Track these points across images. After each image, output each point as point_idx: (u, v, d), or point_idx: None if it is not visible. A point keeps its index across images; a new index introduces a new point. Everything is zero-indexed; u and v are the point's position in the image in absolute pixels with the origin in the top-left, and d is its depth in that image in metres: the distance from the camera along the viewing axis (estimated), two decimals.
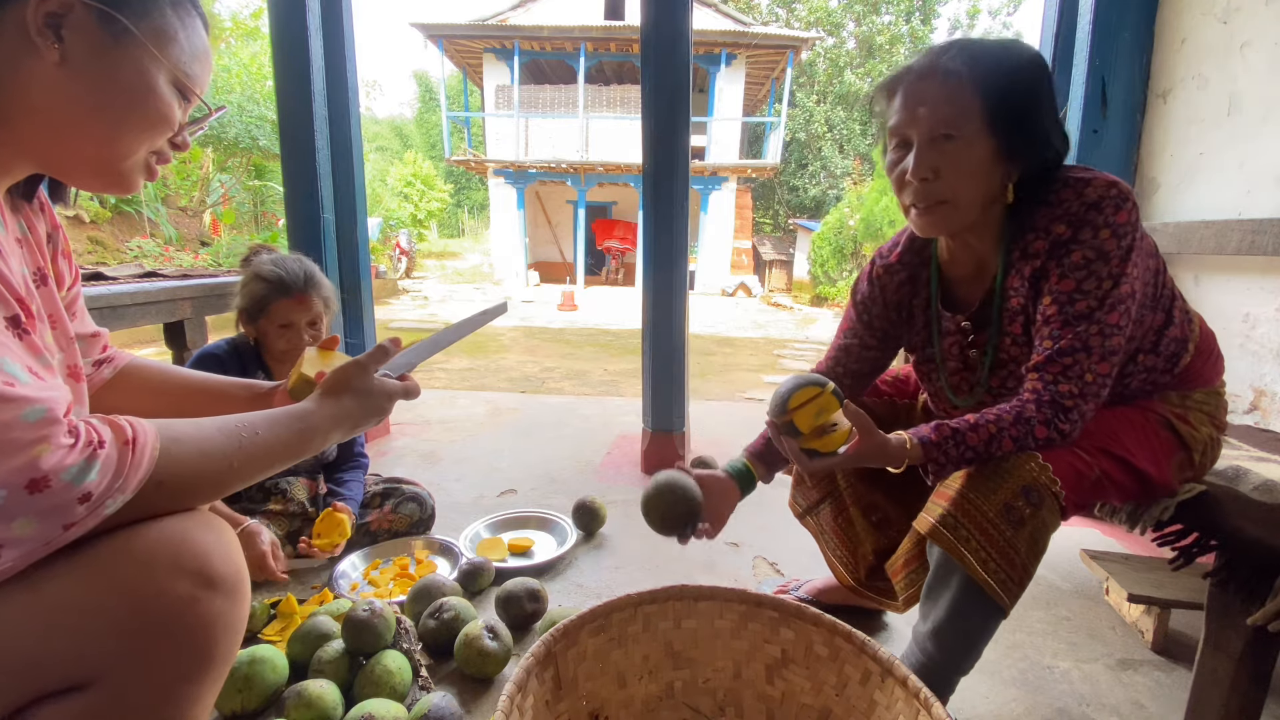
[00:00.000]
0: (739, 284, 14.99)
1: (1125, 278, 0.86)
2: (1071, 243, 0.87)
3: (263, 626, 1.29)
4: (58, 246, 0.78)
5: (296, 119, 2.38)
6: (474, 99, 17.75)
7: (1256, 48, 1.70)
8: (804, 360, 7.38)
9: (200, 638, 0.59)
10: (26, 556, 0.52)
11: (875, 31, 21.55)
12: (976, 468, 0.90)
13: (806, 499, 1.37)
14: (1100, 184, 0.87)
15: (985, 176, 0.89)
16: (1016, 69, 0.87)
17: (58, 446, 0.50)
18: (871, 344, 1.19)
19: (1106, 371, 0.87)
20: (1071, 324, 0.87)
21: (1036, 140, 0.88)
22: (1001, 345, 1.00)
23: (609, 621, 0.92)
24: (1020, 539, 0.86)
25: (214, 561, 0.61)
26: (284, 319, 1.49)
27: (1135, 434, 0.95)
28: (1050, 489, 0.86)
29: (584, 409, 3.26)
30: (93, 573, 0.55)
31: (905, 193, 0.93)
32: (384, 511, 1.71)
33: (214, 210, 11.14)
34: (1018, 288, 0.95)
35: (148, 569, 0.57)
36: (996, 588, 0.86)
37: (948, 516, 0.89)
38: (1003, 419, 0.88)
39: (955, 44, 0.89)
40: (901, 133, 0.91)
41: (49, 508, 0.50)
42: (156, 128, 0.65)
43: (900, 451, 0.91)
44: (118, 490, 0.54)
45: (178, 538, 0.59)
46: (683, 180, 2.19)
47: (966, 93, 0.86)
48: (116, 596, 0.55)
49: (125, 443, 0.55)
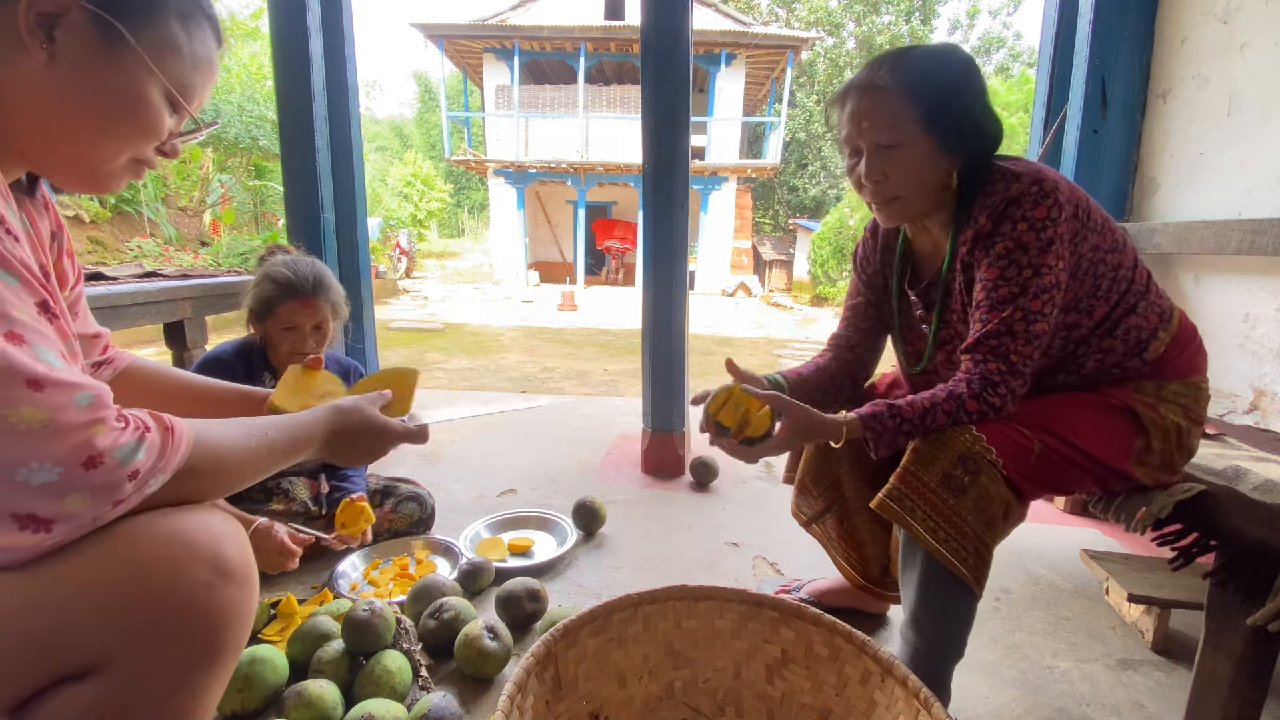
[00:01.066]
0: (739, 284, 14.99)
1: (1045, 268, 0.92)
2: (994, 234, 0.95)
3: (263, 626, 1.29)
4: (62, 246, 0.78)
5: (296, 119, 2.38)
6: (474, 99, 17.75)
7: (1256, 48, 1.70)
8: (804, 360, 7.37)
9: (213, 625, 0.60)
10: (74, 532, 0.54)
11: (875, 31, 21.55)
12: (918, 444, 0.96)
13: (811, 508, 1.37)
14: (1025, 180, 0.94)
15: (930, 170, 0.99)
16: (943, 72, 0.97)
17: (111, 428, 0.54)
18: (874, 300, 1.26)
19: (1030, 353, 0.94)
20: (997, 309, 0.95)
21: (970, 131, 0.98)
22: (949, 322, 1.09)
23: (609, 621, 0.92)
24: (964, 507, 0.92)
25: (228, 550, 0.61)
26: (289, 321, 1.48)
27: (1084, 415, 0.98)
28: (986, 457, 0.92)
29: (584, 409, 3.26)
30: (110, 554, 0.56)
31: (864, 192, 1.05)
32: (384, 511, 1.71)
33: (214, 210, 11.14)
34: (957, 271, 1.03)
35: (166, 552, 0.58)
36: (951, 557, 0.91)
37: (893, 489, 0.95)
38: (936, 395, 0.96)
39: (886, 58, 0.99)
40: (852, 143, 1.02)
41: (102, 484, 0.53)
42: (143, 136, 0.64)
43: (836, 425, 0.99)
44: (160, 470, 0.57)
45: (194, 525, 0.60)
46: (683, 180, 2.19)
47: (900, 103, 0.96)
48: (133, 579, 0.56)
49: (165, 429, 0.59)
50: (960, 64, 0.98)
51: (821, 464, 1.31)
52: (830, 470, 1.31)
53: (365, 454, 0.84)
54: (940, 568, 0.93)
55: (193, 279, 2.05)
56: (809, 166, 21.94)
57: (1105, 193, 2.11)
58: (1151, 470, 0.99)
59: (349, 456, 0.82)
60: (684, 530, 1.88)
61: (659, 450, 2.31)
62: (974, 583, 0.92)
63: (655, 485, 2.22)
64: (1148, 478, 1.00)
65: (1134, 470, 0.99)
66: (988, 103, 0.99)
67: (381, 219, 15.74)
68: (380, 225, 15.28)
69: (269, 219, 11.88)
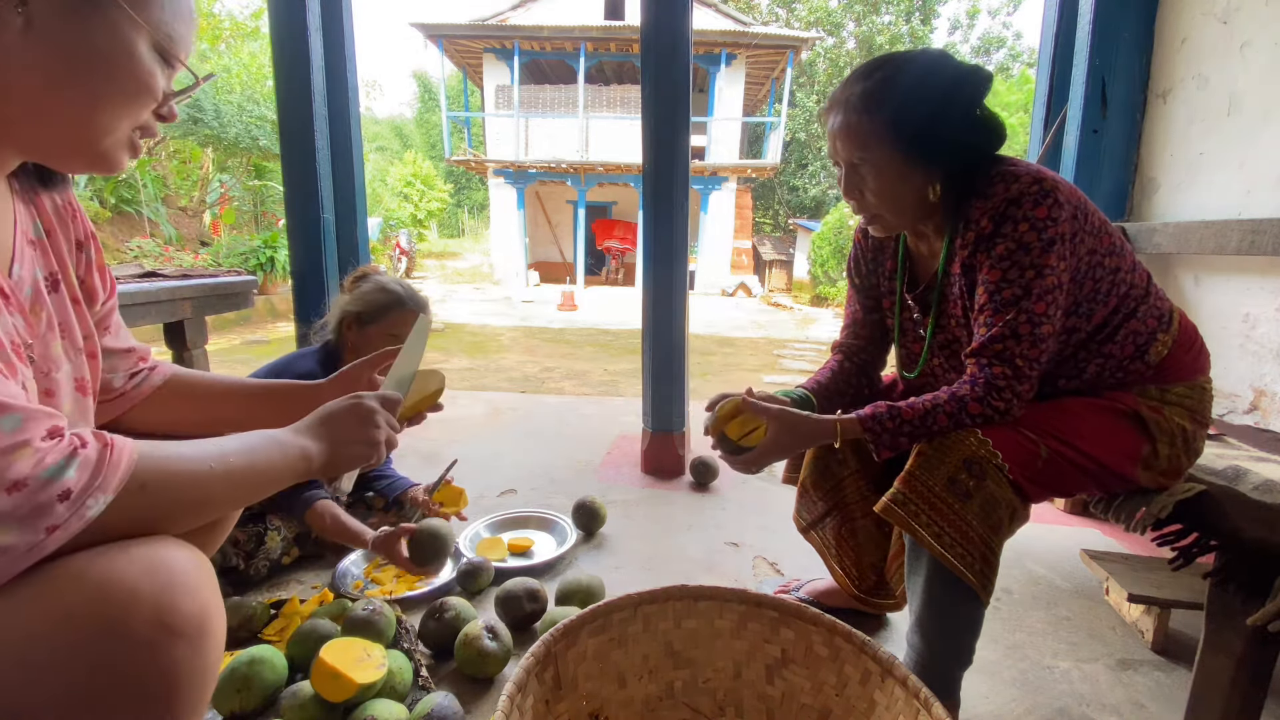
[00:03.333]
0: (739, 284, 14.98)
1: (1048, 269, 0.91)
2: (995, 236, 0.93)
3: (263, 626, 1.29)
4: (91, 258, 0.74)
5: (296, 119, 2.38)
6: (474, 99, 17.74)
7: (1256, 48, 1.70)
8: (804, 360, 7.38)
9: (158, 691, 0.52)
10: (11, 566, 0.48)
11: (875, 31, 21.54)
12: (922, 448, 0.95)
13: (811, 513, 1.36)
14: (1025, 180, 0.92)
15: (904, 189, 0.99)
16: (916, 91, 0.95)
17: (36, 449, 0.48)
18: (870, 306, 1.26)
19: (1035, 356, 0.93)
20: (1000, 312, 0.93)
21: (948, 147, 0.96)
22: (947, 327, 1.08)
23: (609, 621, 0.92)
24: (970, 512, 0.91)
25: (179, 599, 0.53)
26: (395, 329, 1.57)
27: (1089, 419, 0.97)
28: (992, 461, 0.91)
29: (584, 409, 3.26)
30: (35, 601, 0.49)
31: (850, 206, 1.06)
32: (386, 516, 1.72)
33: (214, 210, 11.14)
34: (956, 275, 1.02)
35: (97, 605, 0.49)
36: (956, 563, 0.90)
37: (897, 494, 0.94)
38: (939, 397, 0.96)
39: (863, 72, 0.99)
40: (833, 158, 1.04)
41: (30, 509, 0.47)
42: (138, 98, 0.58)
43: (828, 426, 1.00)
44: (98, 489, 0.50)
45: (138, 568, 0.52)
46: (683, 180, 2.19)
47: (867, 124, 0.96)
48: (58, 635, 0.48)
49: (105, 445, 0.52)
50: (942, 79, 0.96)
51: (824, 467, 1.30)
52: (833, 473, 1.30)
53: (356, 441, 0.73)
54: (946, 573, 0.92)
55: (193, 279, 2.04)
56: (809, 166, 21.94)
57: (1105, 193, 2.11)
58: (1159, 474, 0.98)
59: (344, 451, 0.72)
60: (684, 530, 1.88)
61: (659, 450, 2.31)
62: (980, 588, 0.91)
63: (655, 485, 2.22)
64: (1154, 482, 0.99)
65: (1141, 475, 0.98)
66: (977, 114, 0.97)
67: (381, 219, 15.75)
68: (380, 225, 15.28)
69: (269, 219, 11.87)
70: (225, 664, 1.09)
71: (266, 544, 1.47)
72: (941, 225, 1.04)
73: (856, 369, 1.28)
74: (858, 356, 1.29)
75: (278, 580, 1.52)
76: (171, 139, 10.38)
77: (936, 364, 1.13)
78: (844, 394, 1.26)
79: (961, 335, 1.05)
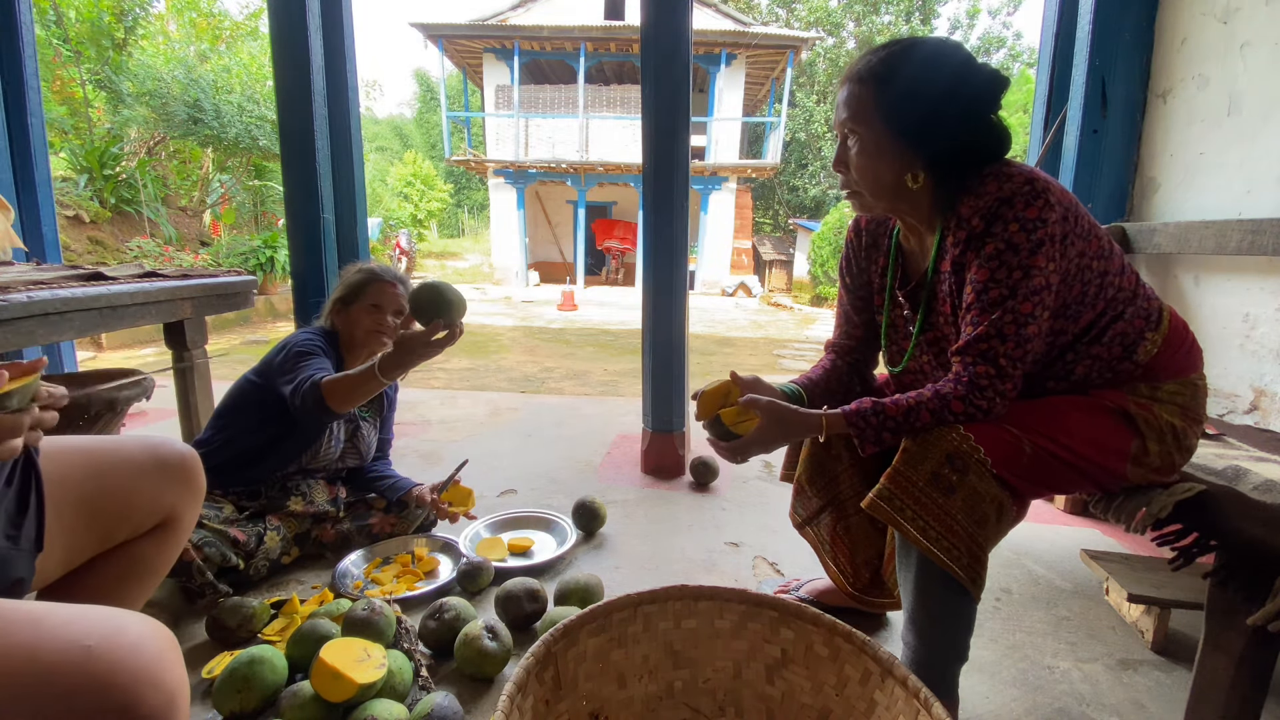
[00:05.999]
0: (739, 284, 14.98)
1: (1036, 270, 0.91)
2: (985, 235, 0.93)
3: (263, 626, 1.29)
4: None
5: (296, 119, 2.38)
6: (474, 99, 17.74)
7: (1256, 48, 1.70)
8: (804, 360, 7.37)
9: None
10: None
11: (875, 31, 21.53)
12: (907, 444, 0.96)
13: (807, 509, 1.36)
14: (1017, 180, 0.92)
15: (882, 163, 0.99)
16: (918, 68, 0.95)
17: None
18: (861, 306, 1.26)
19: (1019, 356, 0.93)
20: (987, 311, 0.93)
21: (931, 135, 0.96)
22: (935, 324, 1.08)
23: (609, 621, 0.92)
24: (954, 506, 0.91)
25: (144, 693, 0.50)
26: (376, 299, 1.64)
27: (1074, 416, 0.97)
28: (974, 455, 0.92)
29: (584, 409, 3.26)
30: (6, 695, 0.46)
31: (838, 180, 1.08)
32: (387, 517, 1.71)
33: (214, 210, 11.14)
34: (946, 273, 1.01)
35: (66, 701, 0.47)
36: (943, 556, 0.91)
37: (883, 489, 0.95)
38: (923, 394, 0.96)
39: (883, 47, 0.98)
40: (837, 128, 1.04)
41: None
42: None
43: (815, 419, 1.02)
44: None
45: (103, 664, 0.49)
46: (683, 180, 2.19)
47: (861, 94, 0.97)
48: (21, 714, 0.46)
49: None
50: (946, 69, 0.95)
51: (819, 462, 1.31)
52: (828, 469, 1.31)
53: None
54: (934, 568, 0.93)
55: (193, 279, 2.04)
56: (809, 166, 21.92)
57: (1105, 193, 2.11)
58: (1151, 471, 0.99)
59: None
60: (684, 530, 1.88)
61: (659, 450, 2.31)
62: (969, 583, 0.92)
63: (655, 485, 2.22)
64: (1146, 478, 0.99)
65: (1131, 471, 0.98)
66: (976, 111, 0.95)
67: (381, 219, 15.75)
68: (380, 225, 15.27)
69: (269, 219, 11.88)
70: (225, 664, 1.09)
71: (266, 544, 1.47)
72: (932, 221, 1.04)
73: (849, 367, 1.29)
74: (850, 355, 1.30)
75: (278, 580, 1.52)
76: (171, 139, 10.39)
77: (924, 360, 1.13)
78: (835, 392, 1.27)
79: (949, 333, 1.05)
